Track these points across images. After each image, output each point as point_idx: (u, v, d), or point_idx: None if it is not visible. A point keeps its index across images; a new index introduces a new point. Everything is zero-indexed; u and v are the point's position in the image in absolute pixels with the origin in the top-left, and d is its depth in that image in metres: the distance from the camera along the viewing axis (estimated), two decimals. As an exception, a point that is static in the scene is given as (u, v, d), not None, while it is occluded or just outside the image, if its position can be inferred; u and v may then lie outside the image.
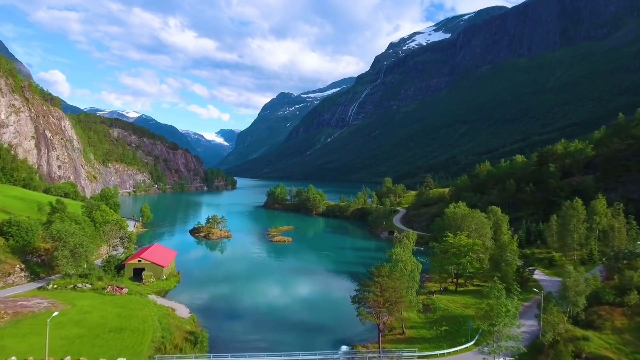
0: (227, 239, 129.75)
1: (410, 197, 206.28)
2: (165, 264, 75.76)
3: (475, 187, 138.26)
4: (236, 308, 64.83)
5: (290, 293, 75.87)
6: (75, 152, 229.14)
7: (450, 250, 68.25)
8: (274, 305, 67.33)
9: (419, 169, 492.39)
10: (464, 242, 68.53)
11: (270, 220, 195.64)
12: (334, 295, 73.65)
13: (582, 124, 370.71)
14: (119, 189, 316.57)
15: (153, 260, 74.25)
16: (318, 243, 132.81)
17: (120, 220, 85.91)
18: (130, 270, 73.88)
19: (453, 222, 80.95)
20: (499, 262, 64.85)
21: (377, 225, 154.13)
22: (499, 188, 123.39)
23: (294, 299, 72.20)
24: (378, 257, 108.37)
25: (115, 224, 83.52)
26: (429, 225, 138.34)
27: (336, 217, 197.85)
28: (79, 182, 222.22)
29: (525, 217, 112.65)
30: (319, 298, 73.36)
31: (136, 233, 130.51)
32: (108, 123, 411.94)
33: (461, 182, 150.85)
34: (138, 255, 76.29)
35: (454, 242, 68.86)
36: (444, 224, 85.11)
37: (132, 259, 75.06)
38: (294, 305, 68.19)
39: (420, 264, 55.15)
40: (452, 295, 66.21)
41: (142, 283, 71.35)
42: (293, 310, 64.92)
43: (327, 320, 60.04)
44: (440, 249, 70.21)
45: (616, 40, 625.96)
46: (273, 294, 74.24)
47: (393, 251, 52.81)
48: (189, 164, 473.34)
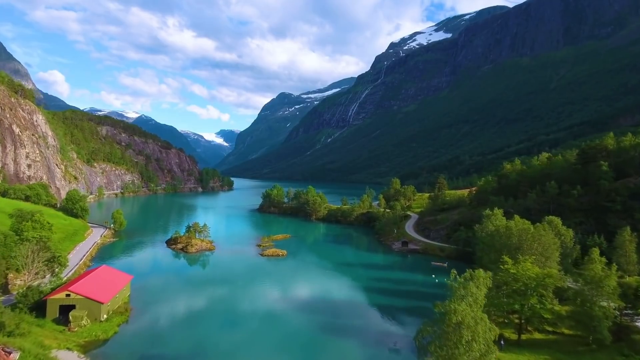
0: (210, 251, 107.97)
1: (421, 200, 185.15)
2: (105, 299, 54.10)
3: (503, 189, 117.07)
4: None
5: (283, 344, 53.61)
6: (49, 150, 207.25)
7: (512, 284, 46.90)
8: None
9: (422, 170, 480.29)
10: (533, 272, 47.14)
11: (264, 226, 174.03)
12: (343, 345, 52.39)
13: (591, 123, 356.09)
14: (104, 191, 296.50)
15: (87, 294, 52.54)
16: (318, 257, 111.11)
17: (47, 237, 63.58)
18: (54, 308, 52.14)
19: (505, 241, 59.28)
20: (589, 306, 43.63)
21: (386, 233, 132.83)
22: (536, 191, 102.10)
23: (289, 354, 50.66)
24: (395, 279, 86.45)
25: (38, 242, 61.54)
26: (449, 234, 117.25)
27: (338, 222, 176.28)
28: (52, 183, 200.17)
29: (572, 227, 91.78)
30: (322, 347, 51.98)
31: (100, 244, 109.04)
32: (96, 120, 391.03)
33: (485, 183, 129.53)
34: (67, 286, 54.51)
35: (517, 272, 47.51)
36: (492, 242, 63.34)
37: (57, 292, 53.32)
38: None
39: (493, 326, 31.88)
40: (517, 354, 44.45)
41: (68, 329, 49.83)
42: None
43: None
44: (495, 281, 48.80)
45: (621, 39, 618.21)
46: (259, 347, 52.18)
47: (452, 307, 29.66)
48: (183, 163, 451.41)
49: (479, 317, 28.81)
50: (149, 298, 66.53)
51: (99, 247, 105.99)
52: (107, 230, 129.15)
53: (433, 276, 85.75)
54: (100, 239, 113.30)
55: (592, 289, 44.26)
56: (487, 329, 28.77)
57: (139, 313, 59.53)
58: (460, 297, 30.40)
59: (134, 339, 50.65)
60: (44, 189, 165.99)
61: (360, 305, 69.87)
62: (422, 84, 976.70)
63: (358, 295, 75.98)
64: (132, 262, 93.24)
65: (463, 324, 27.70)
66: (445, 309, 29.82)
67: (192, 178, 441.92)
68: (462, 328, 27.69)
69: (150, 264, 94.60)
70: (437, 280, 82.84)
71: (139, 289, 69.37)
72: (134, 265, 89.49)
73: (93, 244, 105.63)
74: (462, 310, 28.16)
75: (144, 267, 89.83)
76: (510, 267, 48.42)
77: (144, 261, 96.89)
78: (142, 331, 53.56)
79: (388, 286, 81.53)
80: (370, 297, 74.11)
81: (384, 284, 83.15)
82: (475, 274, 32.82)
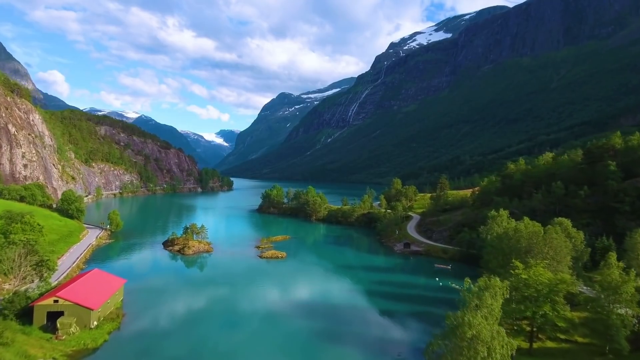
0: (207, 253, 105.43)
1: (423, 200, 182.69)
2: (96, 305, 51.59)
3: (507, 189, 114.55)
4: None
5: (282, 352, 51.10)
6: (46, 150, 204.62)
7: (523, 290, 44.37)
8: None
9: (422, 170, 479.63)
10: (545, 277, 44.60)
11: (263, 227, 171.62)
12: (344, 354, 49.93)
13: (592, 123, 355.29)
14: (102, 191, 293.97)
15: (76, 300, 50.05)
16: (319, 259, 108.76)
17: (34, 240, 60.80)
18: (41, 315, 49.61)
19: (514, 244, 56.67)
20: (606, 313, 41.15)
21: (388, 234, 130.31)
22: (542, 191, 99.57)
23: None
24: (397, 282, 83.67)
25: (25, 246, 58.99)
26: (452, 236, 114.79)
27: (339, 222, 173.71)
28: (49, 183, 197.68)
29: (579, 228, 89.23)
30: (322, 358, 49.50)
31: (95, 246, 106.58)
32: (95, 120, 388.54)
33: (489, 183, 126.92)
34: (56, 292, 52.00)
35: (529, 277, 44.96)
36: (500, 245, 60.65)
37: (45, 298, 50.81)
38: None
39: (509, 339, 28.95)
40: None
41: (56, 337, 47.33)
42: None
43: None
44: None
45: (621, 39, 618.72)
46: (259, 354, 49.71)
47: (466, 319, 26.33)
48: (182, 163, 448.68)
49: (496, 331, 26.23)
50: (143, 303, 63.99)
51: (94, 249, 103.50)
52: (103, 231, 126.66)
53: (437, 279, 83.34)
54: (95, 240, 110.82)
55: (609, 295, 41.79)
56: (504, 343, 26.19)
57: (132, 319, 57.01)
58: (474, 307, 27.79)
59: (124, 348, 48.11)
60: (40, 189, 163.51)
61: (362, 310, 67.35)
62: (422, 84, 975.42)
63: (359, 300, 73.51)
64: (127, 265, 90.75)
65: (478, 338, 25.16)
66: (458, 321, 27.15)
67: (192, 178, 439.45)
68: (477, 343, 25.15)
69: (145, 267, 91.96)
70: (441, 283, 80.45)
71: (133, 292, 66.87)
72: (129, 268, 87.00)
73: (88, 245, 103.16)
74: (478, 324, 25.58)
75: (139, 270, 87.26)
76: (521, 272, 45.83)
77: (139, 264, 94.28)
78: (134, 339, 51.02)
79: (390, 290, 79.08)
80: (372, 301, 71.64)
81: (386, 288, 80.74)
82: (490, 282, 30.20)
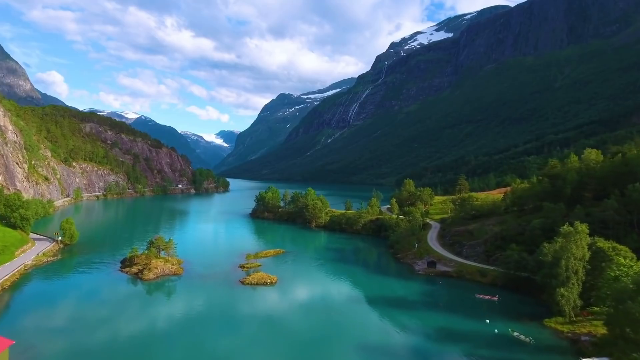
0: (175, 276, 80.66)
1: (437, 204, 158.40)
2: None
3: (558, 192, 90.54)
4: None
5: None
6: (8, 147, 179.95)
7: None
8: None
9: (426, 170, 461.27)
10: None
11: (255, 236, 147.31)
12: None
13: (601, 121, 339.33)
14: (82, 193, 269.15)
15: None
16: (317, 286, 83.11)
17: None
18: None
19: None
20: None
21: (404, 248, 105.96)
22: (615, 196, 75.65)
23: None
24: (428, 324, 54.59)
25: None
26: (490, 252, 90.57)
27: (343, 230, 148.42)
28: (12, 184, 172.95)
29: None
30: None
31: (31, 266, 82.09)
32: (80, 117, 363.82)
33: (531, 185, 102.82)
34: None
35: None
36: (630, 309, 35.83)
37: None
38: None
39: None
40: None
41: None
42: None
43: None
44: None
45: (627, 38, 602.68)
46: None
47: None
48: (175, 163, 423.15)
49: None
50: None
51: (27, 270, 79.00)
52: (53, 244, 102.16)
53: (487, 321, 59.01)
54: (32, 259, 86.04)
55: None
56: None
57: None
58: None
59: None
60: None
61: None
62: (423, 84, 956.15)
63: (376, 357, 48.98)
64: (49, 301, 65.38)
65: None
66: None
67: (185, 179, 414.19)
68: None
69: (72, 307, 64.21)
70: (496, 330, 56.06)
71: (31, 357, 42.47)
72: (48, 308, 61.98)
73: (18, 267, 78.69)
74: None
75: (59, 314, 60.75)
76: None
77: (69, 300, 67.78)
78: None
79: (418, 340, 54.25)
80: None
81: (413, 335, 55.65)
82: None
